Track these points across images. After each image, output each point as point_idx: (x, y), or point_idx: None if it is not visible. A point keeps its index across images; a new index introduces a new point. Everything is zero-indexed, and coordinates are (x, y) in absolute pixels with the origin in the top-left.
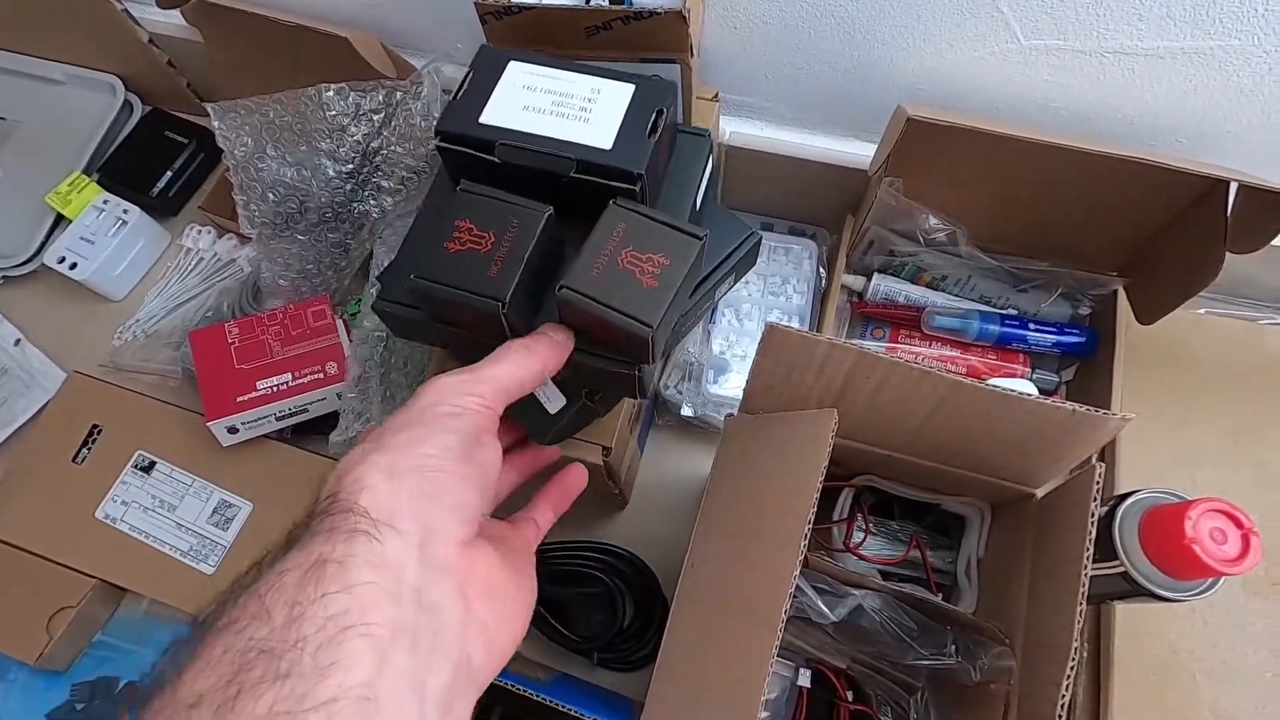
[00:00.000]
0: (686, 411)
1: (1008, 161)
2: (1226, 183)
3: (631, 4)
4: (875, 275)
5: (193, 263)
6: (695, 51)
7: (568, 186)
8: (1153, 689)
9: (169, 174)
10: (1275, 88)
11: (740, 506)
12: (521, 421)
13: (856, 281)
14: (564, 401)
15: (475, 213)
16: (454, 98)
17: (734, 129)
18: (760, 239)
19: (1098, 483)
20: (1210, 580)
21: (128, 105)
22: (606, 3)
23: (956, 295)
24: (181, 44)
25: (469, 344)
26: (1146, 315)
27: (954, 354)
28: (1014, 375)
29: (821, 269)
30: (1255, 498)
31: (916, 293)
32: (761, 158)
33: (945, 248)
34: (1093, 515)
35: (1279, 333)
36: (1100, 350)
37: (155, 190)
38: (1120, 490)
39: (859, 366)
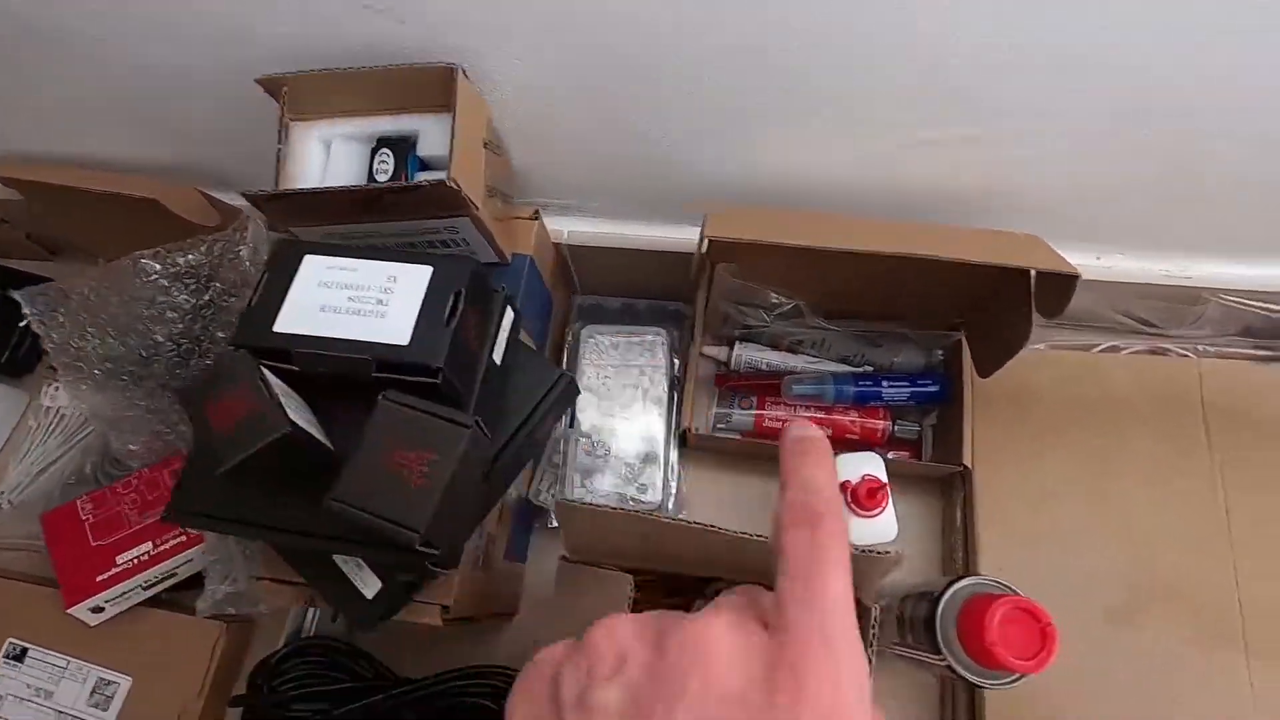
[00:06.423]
0: (555, 523)
1: (821, 257)
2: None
3: (415, 179)
4: (737, 344)
5: (53, 421)
6: (482, 202)
7: (380, 384)
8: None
9: (16, 334)
10: (1037, 161)
11: None
12: (341, 611)
13: (720, 352)
14: (380, 585)
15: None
16: (250, 304)
17: (570, 228)
18: (571, 378)
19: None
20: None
21: None
22: (384, 181)
23: (815, 357)
24: (5, 202)
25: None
26: (983, 369)
27: (819, 416)
28: (876, 431)
29: (675, 356)
30: (1108, 529)
31: (777, 358)
32: (602, 251)
33: (792, 319)
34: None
35: (1111, 360)
36: (954, 395)
37: (3, 356)
38: (980, 546)
39: (651, 531)
